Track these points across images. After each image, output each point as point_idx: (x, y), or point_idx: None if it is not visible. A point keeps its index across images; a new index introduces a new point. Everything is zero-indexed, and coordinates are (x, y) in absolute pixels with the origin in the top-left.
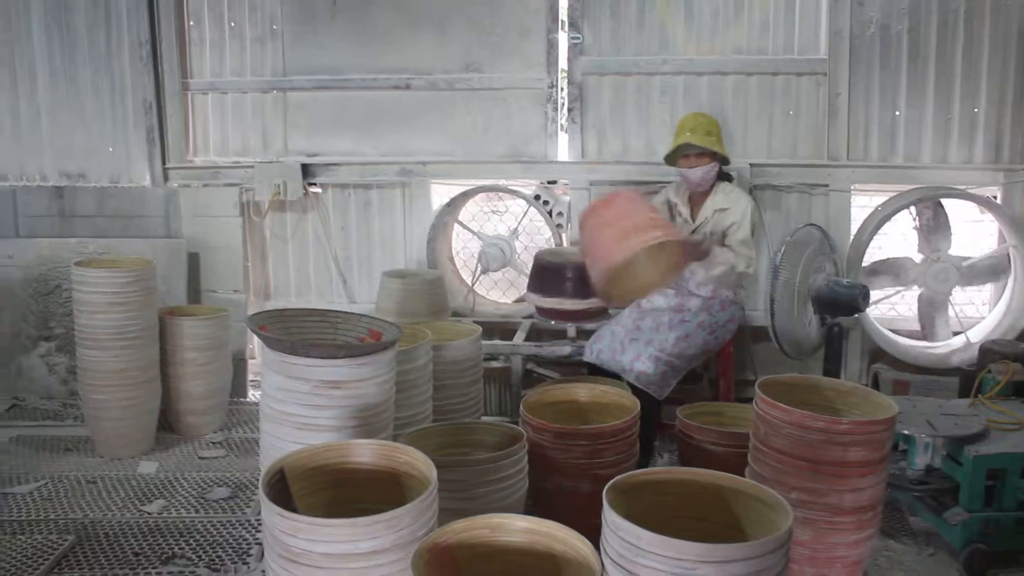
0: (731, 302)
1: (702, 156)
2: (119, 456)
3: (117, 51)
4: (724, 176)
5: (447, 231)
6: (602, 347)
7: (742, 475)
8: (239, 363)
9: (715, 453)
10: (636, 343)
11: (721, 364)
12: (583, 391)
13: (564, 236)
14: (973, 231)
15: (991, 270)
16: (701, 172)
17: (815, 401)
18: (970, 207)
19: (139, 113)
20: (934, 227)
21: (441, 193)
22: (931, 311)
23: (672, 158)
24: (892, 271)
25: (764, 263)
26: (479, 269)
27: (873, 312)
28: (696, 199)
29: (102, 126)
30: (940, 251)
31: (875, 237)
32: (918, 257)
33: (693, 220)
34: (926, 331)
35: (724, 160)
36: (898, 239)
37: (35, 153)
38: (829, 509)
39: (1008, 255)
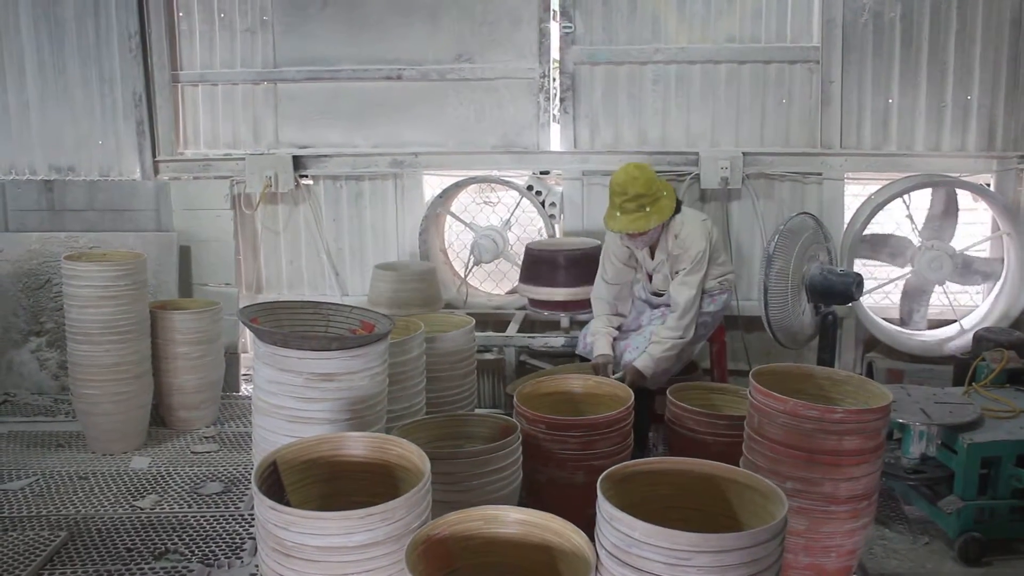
0: (719, 292)
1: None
2: (111, 451)
3: (106, 43)
4: (677, 206)
5: (439, 222)
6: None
7: (730, 458)
8: (231, 357)
9: (704, 440)
10: (628, 334)
11: (714, 354)
12: (577, 382)
13: (557, 227)
14: (966, 219)
15: (984, 274)
16: (644, 240)
17: (809, 390)
18: (963, 195)
19: (129, 106)
20: (943, 215)
21: (433, 184)
22: (914, 298)
23: None
24: (889, 247)
25: (757, 252)
26: (472, 260)
27: (867, 301)
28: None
29: (91, 119)
30: (940, 240)
31: (869, 225)
32: (916, 240)
33: (652, 259)
34: (903, 315)
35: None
36: (892, 227)
37: (24, 147)
38: (824, 498)
39: (1001, 259)
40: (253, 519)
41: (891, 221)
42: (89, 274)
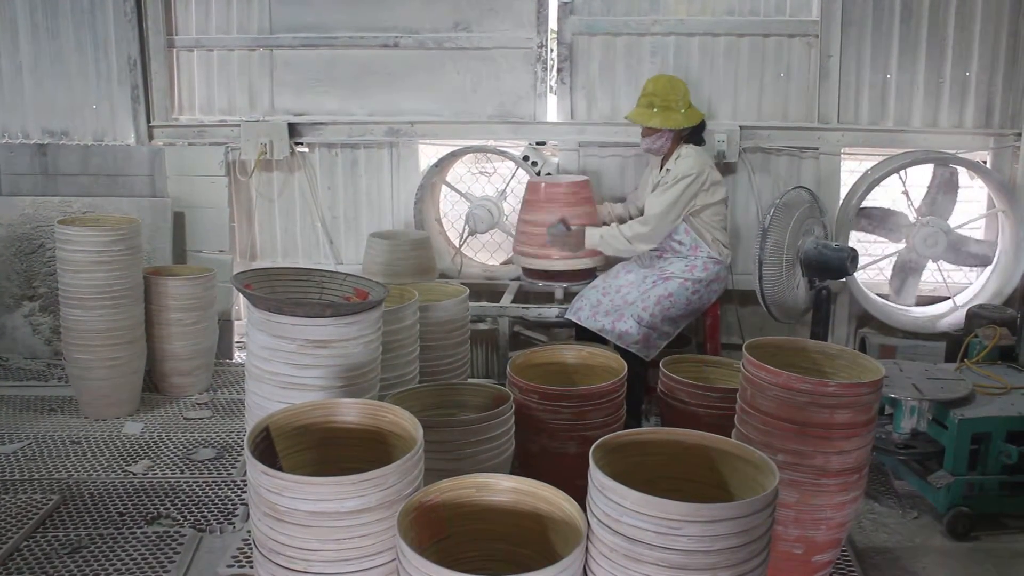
0: (715, 262)
1: (648, 128)
2: (104, 416)
3: (101, 6)
4: (695, 139)
5: (435, 192)
6: (582, 305)
7: (722, 430)
8: (225, 325)
9: (696, 412)
10: (617, 302)
11: (707, 327)
12: (571, 353)
13: None
14: (962, 196)
15: (979, 258)
16: (647, 143)
17: (802, 364)
18: (960, 172)
19: (123, 70)
20: (941, 192)
21: (429, 154)
22: (906, 272)
23: None
24: (883, 220)
25: (752, 225)
26: (466, 230)
27: (861, 276)
28: (665, 156)
29: (86, 83)
30: (936, 216)
31: (864, 201)
32: (912, 216)
33: (659, 173)
34: (893, 289)
35: (695, 127)
36: (887, 203)
37: (17, 110)
38: (815, 471)
39: (995, 242)
40: (245, 485)
41: (887, 197)
42: (83, 239)
